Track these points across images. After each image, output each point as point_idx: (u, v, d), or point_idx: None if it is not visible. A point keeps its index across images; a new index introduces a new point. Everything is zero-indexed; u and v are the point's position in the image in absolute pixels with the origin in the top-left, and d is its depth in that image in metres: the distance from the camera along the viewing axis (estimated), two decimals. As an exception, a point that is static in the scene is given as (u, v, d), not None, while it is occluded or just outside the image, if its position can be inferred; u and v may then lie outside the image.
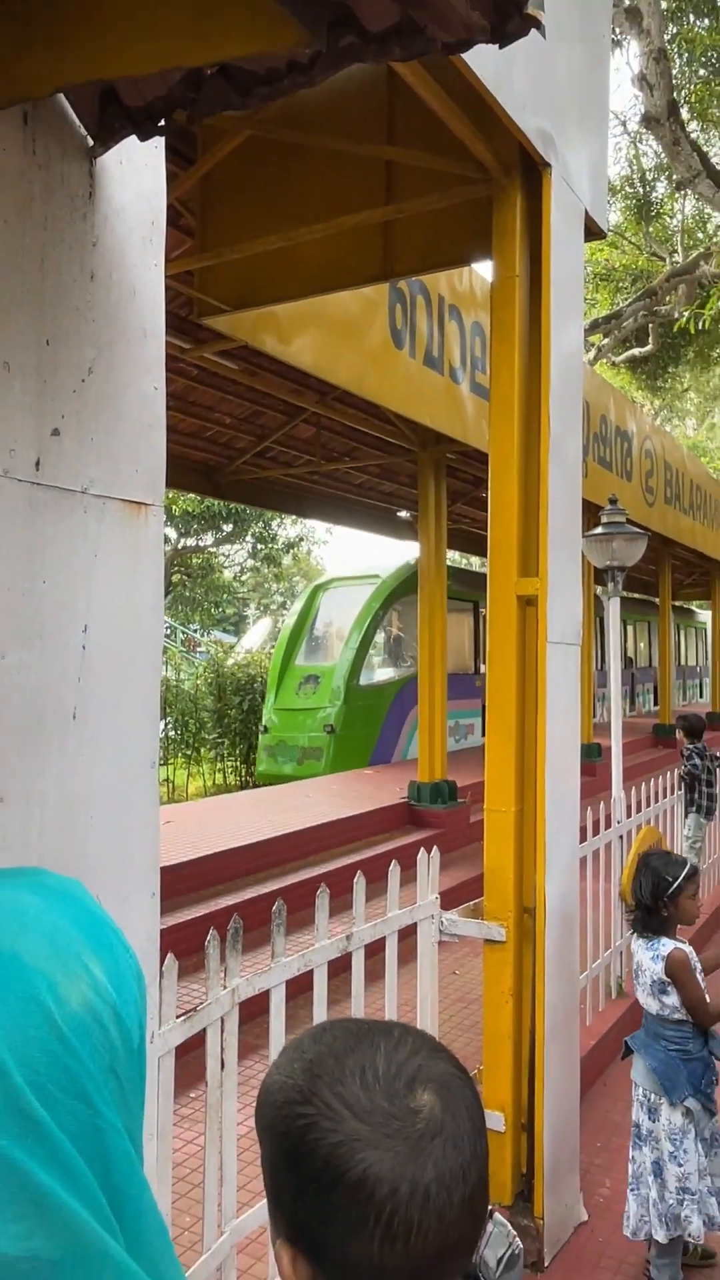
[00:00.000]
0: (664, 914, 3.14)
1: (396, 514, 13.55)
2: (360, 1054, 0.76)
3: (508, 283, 3.34)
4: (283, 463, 10.36)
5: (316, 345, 5.84)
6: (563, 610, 3.36)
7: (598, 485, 9.39)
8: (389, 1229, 0.68)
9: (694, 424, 36.78)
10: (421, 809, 8.35)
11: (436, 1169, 0.70)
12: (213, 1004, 2.44)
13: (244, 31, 1.19)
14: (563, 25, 3.40)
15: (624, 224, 17.61)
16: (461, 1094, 0.75)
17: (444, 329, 6.94)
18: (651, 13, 10.53)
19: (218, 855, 6.25)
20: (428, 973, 3.48)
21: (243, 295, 4.72)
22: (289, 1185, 0.74)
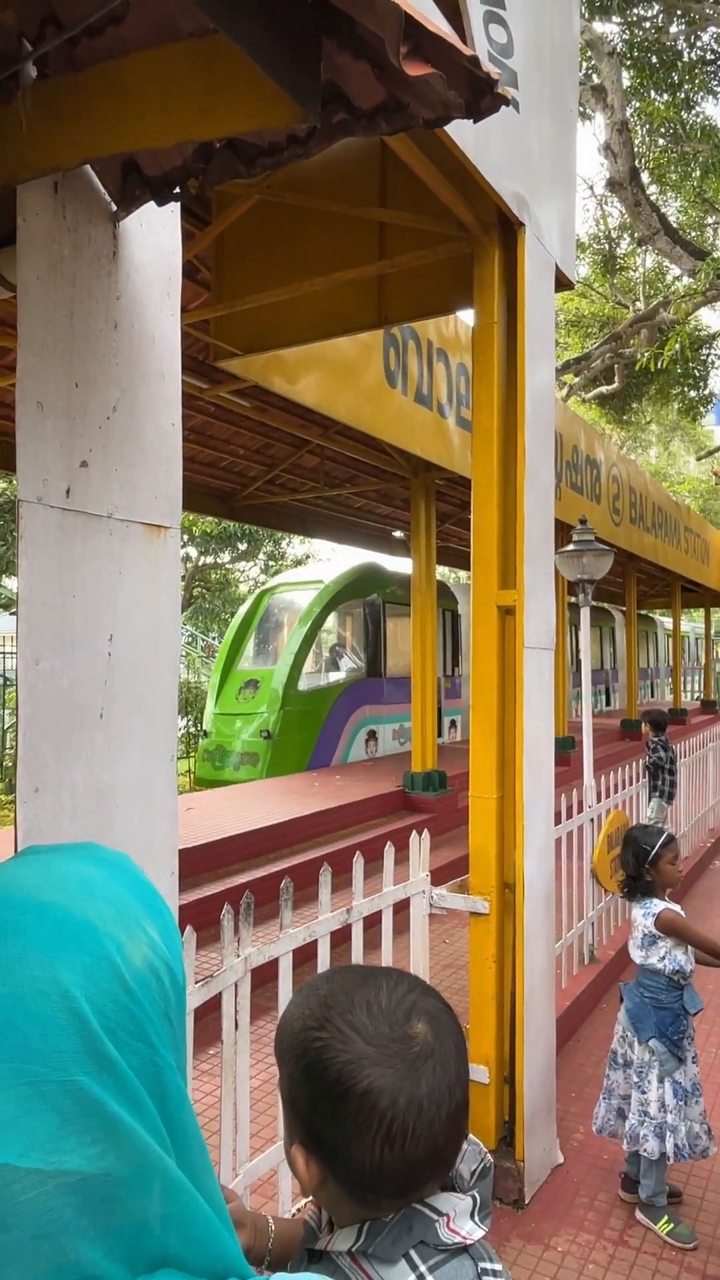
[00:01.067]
0: (648, 879, 3.26)
1: (392, 534, 13.55)
2: (366, 991, 0.82)
3: (487, 329, 3.35)
4: (290, 489, 10.37)
5: (319, 385, 5.86)
6: (538, 618, 3.36)
7: (570, 508, 9.39)
8: (388, 1134, 0.75)
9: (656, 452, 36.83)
10: (414, 796, 8.33)
11: (428, 1085, 0.76)
12: (227, 970, 2.43)
13: (247, 109, 1.19)
14: (534, 98, 3.41)
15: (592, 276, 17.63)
16: (449, 1025, 0.82)
17: (433, 370, 6.95)
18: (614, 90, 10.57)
19: (232, 838, 6.24)
20: (419, 941, 3.48)
21: (253, 341, 4.73)
22: (305, 1097, 0.79)
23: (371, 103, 1.25)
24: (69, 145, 1.33)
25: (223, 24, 1.03)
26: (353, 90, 1.26)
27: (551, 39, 3.58)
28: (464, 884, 3.43)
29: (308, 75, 1.14)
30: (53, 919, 0.58)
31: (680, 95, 12.82)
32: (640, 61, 12.16)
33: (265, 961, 2.61)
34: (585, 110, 12.29)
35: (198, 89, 1.22)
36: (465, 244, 3.47)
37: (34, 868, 0.63)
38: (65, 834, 1.40)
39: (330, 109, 1.28)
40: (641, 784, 6.55)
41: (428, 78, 1.09)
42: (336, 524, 12.67)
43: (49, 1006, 0.54)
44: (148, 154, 1.42)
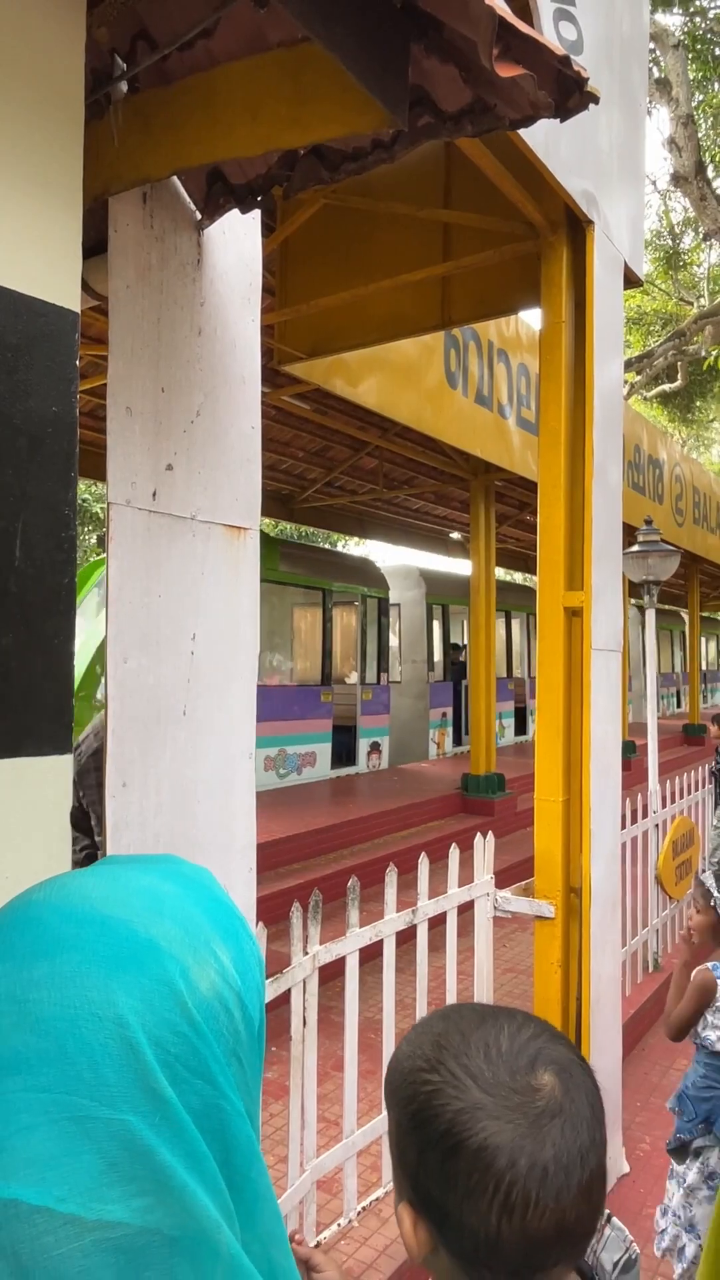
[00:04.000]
0: None
1: (449, 536, 13.51)
2: (485, 1031, 0.72)
3: (555, 328, 3.32)
4: (349, 491, 10.42)
5: (380, 387, 5.87)
6: (605, 620, 3.32)
7: (632, 508, 9.24)
8: (507, 1200, 0.64)
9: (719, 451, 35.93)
10: (473, 798, 8.29)
11: (555, 1148, 0.65)
12: (296, 968, 2.46)
13: (335, 116, 1.21)
14: (604, 95, 3.37)
15: (655, 273, 17.30)
16: (581, 1080, 0.70)
17: (493, 370, 6.92)
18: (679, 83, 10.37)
19: (293, 837, 6.29)
20: (484, 944, 3.46)
21: (316, 344, 4.76)
22: (413, 1148, 0.70)
23: (457, 105, 1.25)
24: (159, 157, 1.36)
25: (316, 32, 1.04)
26: (439, 94, 1.27)
27: (621, 33, 3.54)
28: (528, 887, 3.40)
29: (396, 80, 1.15)
30: (115, 936, 0.52)
31: (747, 86, 12.51)
32: (703, 54, 11.90)
33: (332, 959, 2.63)
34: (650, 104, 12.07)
35: (286, 98, 1.24)
36: (532, 243, 3.44)
37: (103, 879, 0.57)
38: (150, 828, 1.43)
39: (416, 113, 1.29)
40: (708, 789, 6.41)
41: (519, 79, 1.09)
42: (393, 526, 12.69)
43: (102, 1033, 0.48)
44: (233, 163, 1.45)
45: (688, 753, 13.74)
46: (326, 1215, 2.83)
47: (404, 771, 10.18)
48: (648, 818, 5.11)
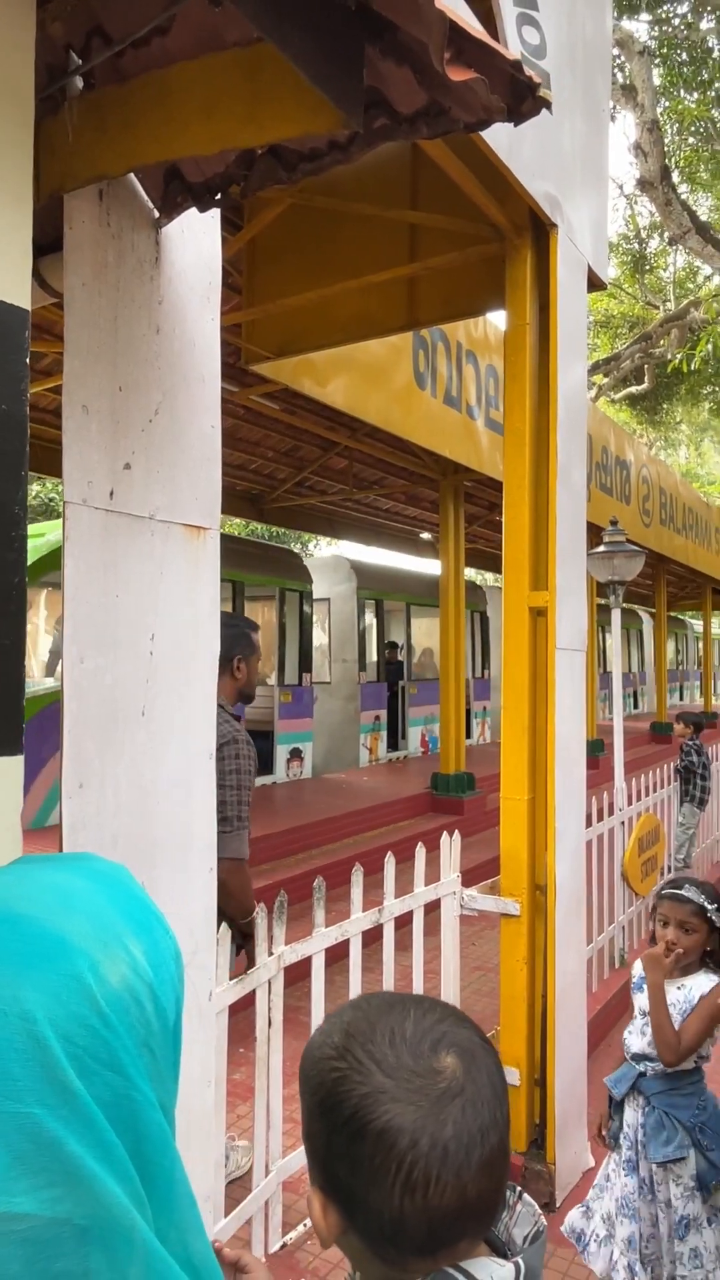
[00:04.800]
0: None
1: (419, 536, 13.55)
2: (391, 1018, 0.74)
3: (519, 330, 3.35)
4: (318, 491, 10.41)
5: (348, 387, 5.88)
6: (569, 620, 3.35)
7: (600, 509, 9.33)
8: (409, 1179, 0.66)
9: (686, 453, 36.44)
10: (443, 797, 8.32)
11: (456, 1127, 0.68)
12: (261, 968, 2.46)
13: (291, 117, 1.21)
14: (566, 99, 3.40)
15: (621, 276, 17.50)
16: (484, 1061, 0.73)
17: (462, 372, 6.95)
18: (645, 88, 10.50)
19: (265, 836, 6.27)
20: (450, 942, 3.48)
21: (284, 344, 4.76)
22: (321, 1134, 0.72)
23: (413, 108, 1.26)
24: (115, 154, 1.35)
25: (270, 33, 1.04)
26: (394, 96, 1.27)
27: (584, 39, 3.58)
28: (495, 885, 3.42)
29: (351, 82, 1.16)
30: (23, 932, 0.52)
31: (710, 93, 12.71)
32: (670, 59, 12.07)
33: (298, 959, 2.63)
34: (614, 110, 12.21)
35: (242, 97, 1.24)
36: (497, 245, 3.47)
37: (13, 877, 0.58)
38: (107, 829, 1.43)
39: (372, 114, 1.29)
40: (673, 787, 6.49)
41: (470, 83, 1.10)
42: (364, 526, 12.70)
43: (7, 1029, 0.49)
44: (190, 161, 1.44)
45: (655, 750, 13.90)
46: (293, 1216, 2.83)
47: (327, 781, 9.44)
48: (613, 815, 5.16)
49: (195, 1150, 1.61)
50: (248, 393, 6.37)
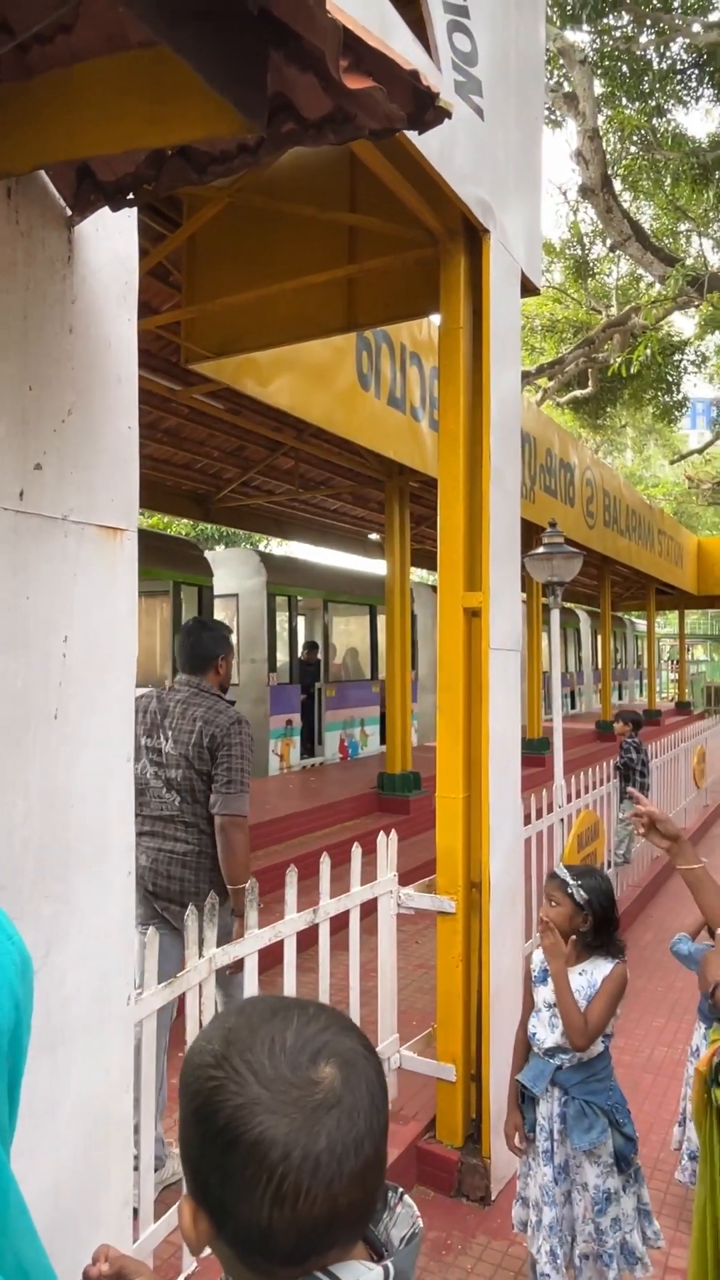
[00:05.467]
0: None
1: (368, 536, 13.60)
2: (273, 1026, 0.73)
3: (453, 334, 3.38)
4: (265, 491, 10.39)
5: (292, 387, 5.87)
6: (503, 620, 3.40)
7: (544, 511, 9.47)
8: (278, 1191, 0.66)
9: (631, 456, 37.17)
10: (389, 797, 8.36)
11: (329, 1139, 0.67)
12: (191, 971, 2.44)
13: (195, 119, 1.21)
14: (499, 106, 3.45)
15: (566, 281, 17.79)
16: (364, 1071, 0.72)
17: (405, 373, 6.99)
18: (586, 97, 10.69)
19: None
20: (387, 942, 3.50)
21: (224, 343, 4.74)
22: (195, 1143, 0.71)
23: (319, 114, 1.27)
24: (21, 151, 1.34)
25: (164, 37, 1.04)
26: (301, 101, 1.28)
27: (517, 48, 3.63)
28: (432, 884, 3.45)
29: (253, 87, 1.16)
30: None
31: (651, 104, 12.99)
32: (611, 70, 12.30)
33: (230, 962, 2.62)
34: (557, 117, 12.41)
35: (147, 98, 1.24)
36: (431, 249, 3.50)
37: None
38: (18, 834, 1.41)
39: (279, 119, 1.30)
40: (613, 784, 6.62)
41: (369, 91, 1.11)
42: (312, 527, 12.70)
43: None
44: (101, 160, 1.43)
45: (601, 748, 14.14)
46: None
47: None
48: (553, 812, 5.24)
49: (115, 1157, 1.59)
50: (190, 392, 6.33)
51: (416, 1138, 3.34)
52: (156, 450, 8.58)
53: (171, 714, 3.14)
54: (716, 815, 10.89)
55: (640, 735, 7.32)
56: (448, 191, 3.07)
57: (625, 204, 14.98)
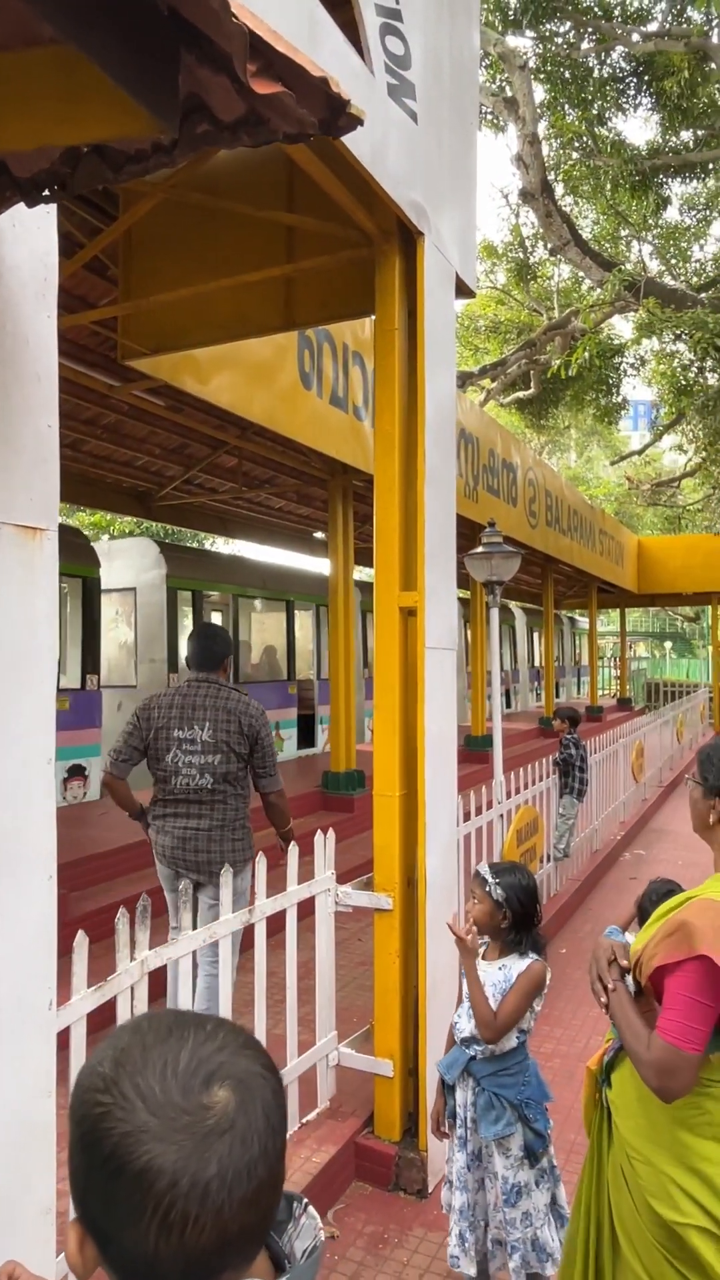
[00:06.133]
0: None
1: (313, 535, 13.59)
2: (167, 1047, 0.71)
3: (388, 335, 3.41)
4: (209, 489, 10.31)
5: (232, 385, 5.84)
6: (438, 619, 3.44)
7: (487, 511, 9.58)
8: (165, 1220, 0.64)
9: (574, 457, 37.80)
10: (333, 795, 8.37)
11: (220, 1165, 0.66)
12: (123, 974, 2.42)
13: (107, 118, 1.21)
14: (433, 110, 3.48)
15: (509, 283, 18.00)
16: (260, 1092, 0.71)
17: (348, 373, 7.01)
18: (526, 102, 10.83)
19: (132, 847, 6.14)
20: (325, 940, 3.52)
21: (161, 340, 4.69)
22: (81, 1169, 0.70)
23: (232, 116, 1.27)
24: (-70, 144, 1.31)
25: (71, 37, 1.04)
26: (215, 103, 1.28)
27: (451, 53, 3.67)
28: (369, 882, 3.48)
29: (164, 89, 1.16)
30: None
31: (592, 111, 13.22)
32: (553, 76, 12.48)
33: (163, 964, 2.61)
34: (498, 121, 12.56)
35: (58, 95, 1.23)
36: (368, 250, 3.52)
37: None
38: (-68, 839, 1.39)
39: (194, 120, 1.30)
40: (552, 780, 6.74)
41: (279, 96, 1.12)
42: (257, 525, 12.65)
43: None
44: (14, 157, 1.41)
45: (544, 745, 14.36)
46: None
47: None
48: (492, 808, 5.32)
49: (36, 1163, 1.58)
50: (129, 388, 6.25)
51: (355, 1134, 3.36)
52: (96, 447, 8.46)
53: (204, 706, 3.65)
54: (655, 809, 11.16)
55: (579, 731, 7.47)
56: (381, 194, 3.09)
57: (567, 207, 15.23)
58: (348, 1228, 3.06)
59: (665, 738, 13.30)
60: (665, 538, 23.42)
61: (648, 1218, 1.66)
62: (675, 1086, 1.58)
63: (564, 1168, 3.36)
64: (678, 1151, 1.63)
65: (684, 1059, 1.57)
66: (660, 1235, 1.64)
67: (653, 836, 9.81)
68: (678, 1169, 1.62)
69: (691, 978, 1.59)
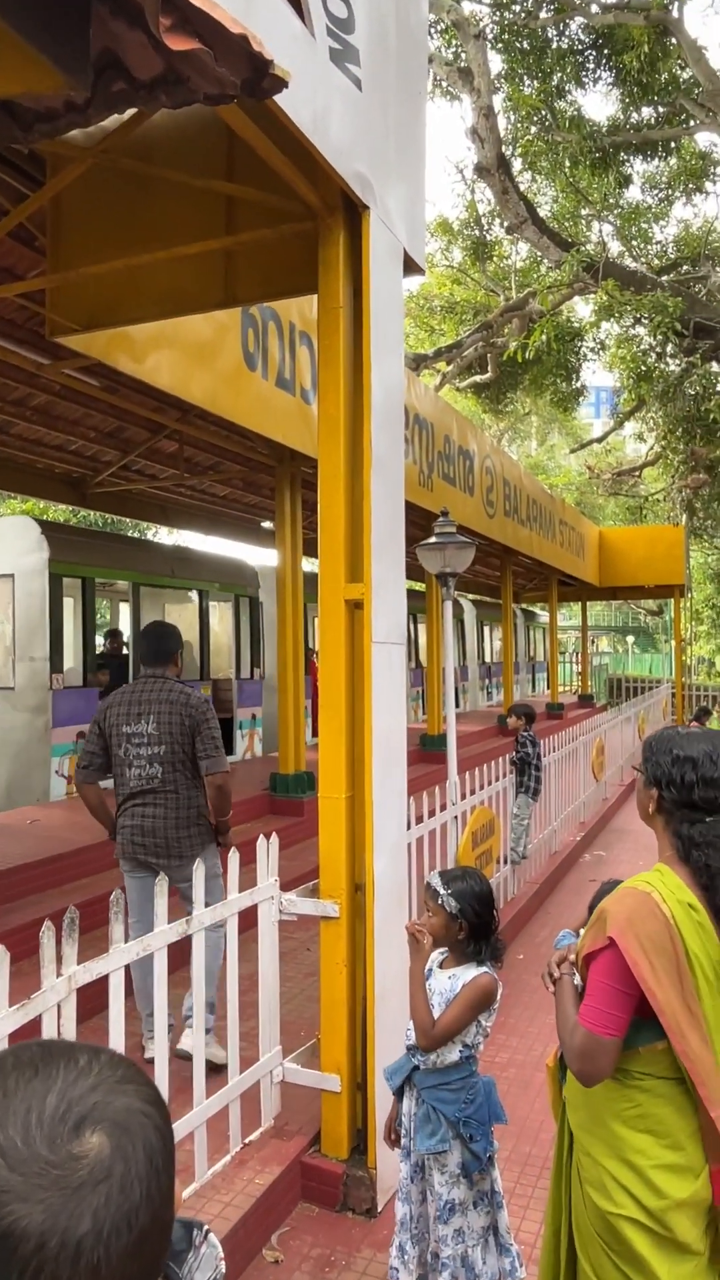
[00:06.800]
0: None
1: (261, 524, 13.52)
2: (32, 1090, 0.67)
3: (332, 313, 3.40)
4: (148, 475, 10.19)
5: (171, 365, 5.77)
6: (386, 613, 3.44)
7: (442, 499, 9.63)
8: None
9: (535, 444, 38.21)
10: (282, 799, 8.35)
11: (95, 1220, 0.63)
12: (48, 991, 2.38)
13: (13, 74, 1.17)
14: (379, 77, 3.48)
15: (466, 262, 18.10)
16: (142, 1132, 0.68)
17: (295, 353, 6.98)
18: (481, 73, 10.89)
19: (75, 852, 6.07)
20: (269, 950, 3.51)
21: (93, 316, 4.62)
22: None
23: (150, 74, 1.25)
24: None
25: (-33, -20, 1.01)
26: (131, 60, 1.26)
27: (397, 17, 3.67)
28: (314, 888, 3.47)
29: (73, 43, 1.14)
30: None
31: (551, 83, 13.35)
32: (510, 46, 12.57)
33: (93, 979, 2.57)
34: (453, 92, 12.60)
35: (-42, 46, 1.19)
36: (311, 224, 3.51)
37: None
38: None
39: (109, 77, 1.28)
40: (509, 779, 6.81)
41: (196, 53, 1.11)
42: (201, 514, 12.55)
43: None
44: None
45: (503, 744, 14.51)
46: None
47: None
48: (446, 810, 5.35)
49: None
50: (59, 366, 6.15)
51: (300, 1153, 3.36)
52: (25, 429, 8.30)
53: (149, 700, 4.01)
54: (616, 808, 11.35)
55: (534, 729, 7.56)
56: (324, 164, 3.08)
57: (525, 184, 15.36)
58: (292, 1252, 3.06)
59: (627, 735, 13.53)
60: (627, 529, 23.78)
61: (591, 1211, 1.72)
62: (592, 1071, 1.68)
63: (520, 1180, 3.41)
64: (613, 1143, 1.72)
65: (599, 1044, 1.66)
66: (601, 1227, 1.71)
67: (613, 837, 9.99)
68: (613, 1160, 1.70)
69: (606, 963, 1.69)
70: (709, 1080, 1.62)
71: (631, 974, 1.63)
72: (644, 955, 1.63)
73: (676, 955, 1.63)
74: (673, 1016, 1.61)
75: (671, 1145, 1.67)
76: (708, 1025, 1.64)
